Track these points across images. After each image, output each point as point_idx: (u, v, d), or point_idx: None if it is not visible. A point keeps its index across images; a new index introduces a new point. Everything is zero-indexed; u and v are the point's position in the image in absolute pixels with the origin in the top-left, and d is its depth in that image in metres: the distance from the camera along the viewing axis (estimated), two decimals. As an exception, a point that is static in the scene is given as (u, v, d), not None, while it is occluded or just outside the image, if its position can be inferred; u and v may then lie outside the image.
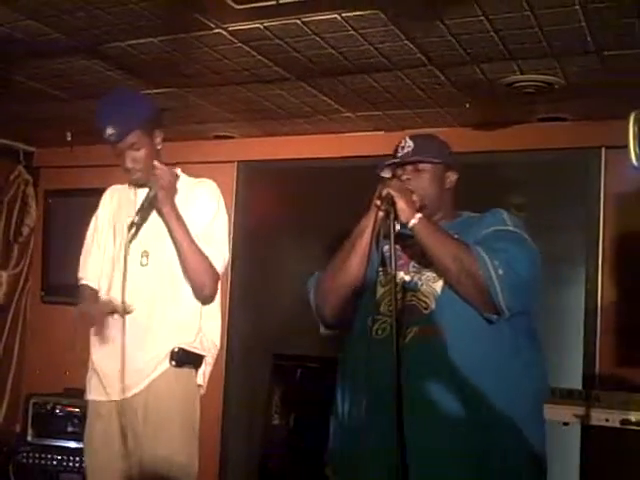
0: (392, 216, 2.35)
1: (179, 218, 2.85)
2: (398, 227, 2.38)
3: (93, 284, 3.08)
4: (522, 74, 3.30)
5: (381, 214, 2.42)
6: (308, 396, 4.39)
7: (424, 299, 2.41)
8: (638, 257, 3.87)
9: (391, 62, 3.24)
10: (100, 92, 3.07)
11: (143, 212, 2.90)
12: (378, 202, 2.42)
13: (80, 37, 3.09)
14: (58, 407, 4.73)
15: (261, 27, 2.91)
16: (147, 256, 2.91)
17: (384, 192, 2.38)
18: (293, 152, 4.68)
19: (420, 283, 2.44)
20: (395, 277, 2.29)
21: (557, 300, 4.11)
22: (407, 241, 2.47)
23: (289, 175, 4.89)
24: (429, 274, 2.44)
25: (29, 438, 4.74)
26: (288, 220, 4.93)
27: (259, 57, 3.24)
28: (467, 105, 3.79)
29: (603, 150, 3.97)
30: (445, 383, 2.32)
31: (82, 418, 4.41)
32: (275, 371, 4.87)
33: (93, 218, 3.17)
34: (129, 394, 2.86)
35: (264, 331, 4.85)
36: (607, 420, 3.24)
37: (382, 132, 4.32)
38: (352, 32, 2.91)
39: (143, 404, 2.85)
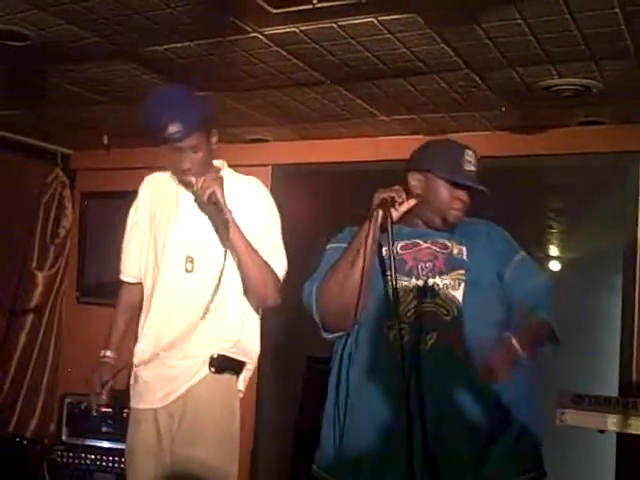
0: (389, 221, 2.35)
1: (237, 228, 2.77)
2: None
3: (132, 280, 3.07)
4: (560, 78, 3.27)
5: (379, 221, 2.41)
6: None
7: (444, 305, 2.40)
8: (677, 263, 3.82)
9: (427, 66, 3.22)
10: (137, 96, 3.07)
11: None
12: (375, 209, 2.42)
13: (118, 41, 3.12)
14: (93, 407, 4.77)
15: (297, 31, 2.91)
16: (192, 262, 2.84)
17: (380, 197, 2.41)
18: (328, 156, 4.68)
19: (437, 289, 2.42)
20: (395, 285, 2.31)
21: (593, 306, 4.07)
22: (412, 244, 2.47)
23: (324, 178, 4.88)
24: (447, 281, 2.42)
25: (63, 437, 4.79)
26: (322, 223, 4.92)
27: (295, 61, 3.25)
28: (503, 108, 3.76)
29: (642, 155, 3.93)
30: (468, 389, 2.34)
31: (116, 418, 4.49)
32: (308, 373, 4.87)
33: (132, 210, 3.10)
34: (168, 401, 2.83)
35: (297, 333, 4.85)
36: (645, 428, 3.22)
37: (418, 136, 4.30)
38: (388, 36, 2.90)
39: (182, 409, 2.82)
